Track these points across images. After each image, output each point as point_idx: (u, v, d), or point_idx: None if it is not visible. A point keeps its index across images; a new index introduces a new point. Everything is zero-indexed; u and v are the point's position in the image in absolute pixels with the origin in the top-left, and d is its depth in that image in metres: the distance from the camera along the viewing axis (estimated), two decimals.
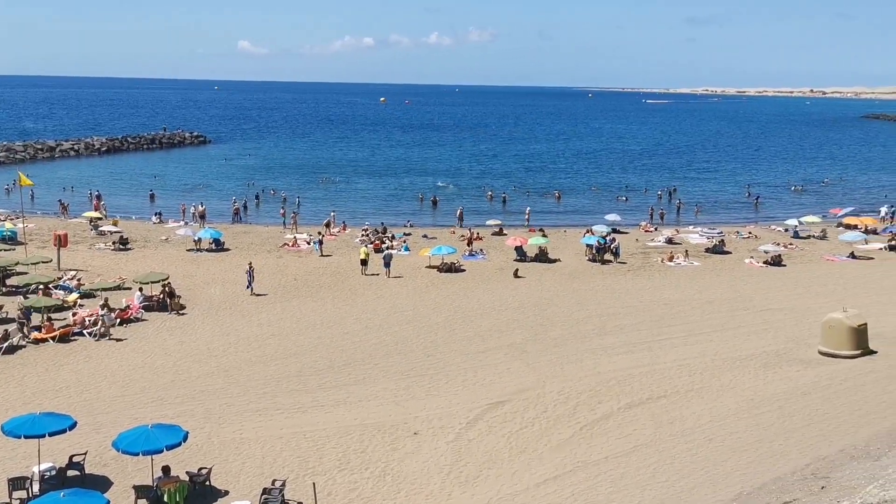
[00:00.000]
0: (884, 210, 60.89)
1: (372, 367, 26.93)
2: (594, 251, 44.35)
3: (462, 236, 49.24)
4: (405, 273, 40.81)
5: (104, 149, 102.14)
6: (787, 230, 53.42)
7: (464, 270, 41.79)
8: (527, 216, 56.61)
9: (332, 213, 55.02)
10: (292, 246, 47.03)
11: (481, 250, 46.21)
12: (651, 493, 17.17)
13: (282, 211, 56.07)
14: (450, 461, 19.84)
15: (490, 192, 70.99)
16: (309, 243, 47.26)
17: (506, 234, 50.32)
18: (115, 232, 48.31)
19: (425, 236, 50.54)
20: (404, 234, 51.21)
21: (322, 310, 34.27)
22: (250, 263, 37.68)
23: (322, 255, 44.65)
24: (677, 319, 32.54)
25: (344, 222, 54.15)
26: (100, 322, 29.93)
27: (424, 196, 68.53)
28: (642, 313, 33.50)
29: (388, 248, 45.51)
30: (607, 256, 44.30)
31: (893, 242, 48.73)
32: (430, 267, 41.88)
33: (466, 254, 45.06)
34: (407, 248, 46.49)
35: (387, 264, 40.31)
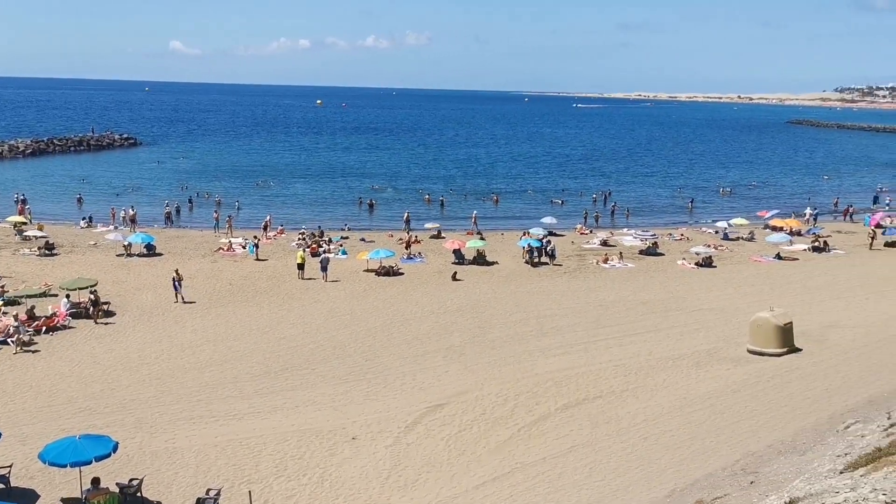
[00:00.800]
0: (807, 212, 62.98)
1: (309, 372, 26.66)
2: (529, 254, 44.74)
3: (400, 239, 49.16)
4: (343, 277, 40.54)
5: (29, 151, 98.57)
6: (717, 232, 54.81)
7: (402, 274, 41.72)
8: (473, 220, 56.94)
9: (269, 217, 54.31)
10: (227, 250, 46.25)
11: (420, 253, 46.23)
12: (588, 492, 17.40)
13: (215, 214, 55.00)
14: (389, 466, 19.77)
15: (428, 196, 71.10)
16: (244, 247, 46.53)
17: (444, 238, 50.44)
18: (41, 237, 46.72)
19: (363, 240, 50.30)
20: (342, 237, 50.86)
21: (258, 315, 33.78)
22: (177, 271, 36.36)
23: (258, 260, 44.02)
24: (612, 320, 33.08)
25: (281, 226, 53.52)
26: (16, 334, 28.61)
27: (363, 199, 68.25)
28: (578, 315, 33.95)
29: (325, 251, 45.13)
30: (544, 259, 44.79)
31: (816, 244, 50.43)
32: (367, 271, 41.69)
33: (405, 257, 45.00)
34: (344, 252, 46.19)
35: (324, 268, 39.96)
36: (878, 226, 55.88)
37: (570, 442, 20.77)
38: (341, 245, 48.10)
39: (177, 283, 35.49)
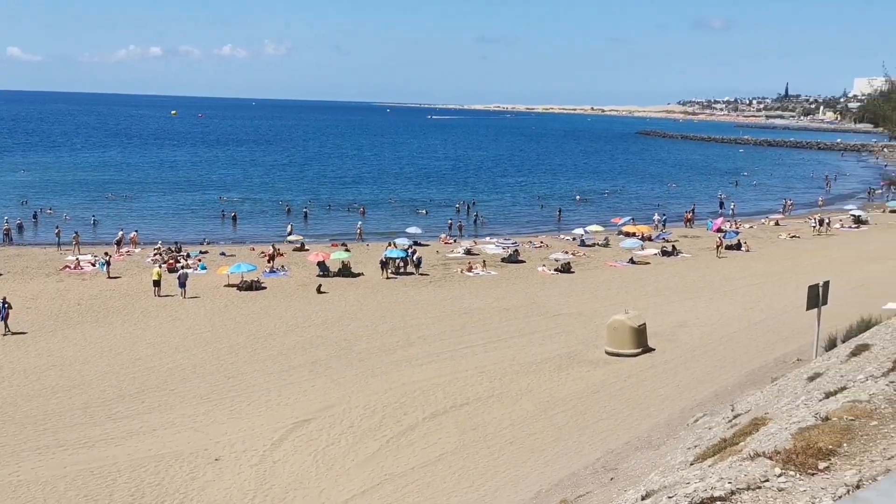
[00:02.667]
0: (656, 218, 66.39)
1: (168, 393, 25.53)
2: (383, 266, 44.06)
3: (262, 253, 48.04)
4: (202, 293, 39.18)
5: None
6: (574, 239, 56.80)
7: (265, 288, 40.78)
8: (358, 231, 56.64)
9: (121, 232, 51.77)
10: (75, 268, 43.67)
11: (283, 267, 45.34)
12: (457, 499, 17.55)
13: (56, 230, 51.55)
14: (254, 485, 19.20)
15: (288, 207, 69.93)
16: (94, 265, 44.09)
17: (307, 250, 49.72)
18: None
19: (223, 254, 48.82)
20: (200, 252, 49.17)
21: (111, 336, 32.06)
22: (4, 298, 32.59)
23: (110, 278, 41.81)
24: (477, 327, 33.61)
25: (133, 240, 51.08)
26: None
27: (224, 212, 66.27)
28: (444, 323, 34.29)
29: (182, 267, 43.46)
30: (409, 268, 44.98)
31: (666, 248, 53.24)
32: (229, 286, 40.48)
33: (267, 271, 44.01)
34: (203, 267, 44.66)
35: (182, 284, 38.47)
36: (719, 230, 59.68)
37: (438, 450, 20.89)
38: (200, 260, 46.49)
39: (3, 309, 31.95)
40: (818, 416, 9.20)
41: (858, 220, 66.31)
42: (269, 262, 45.53)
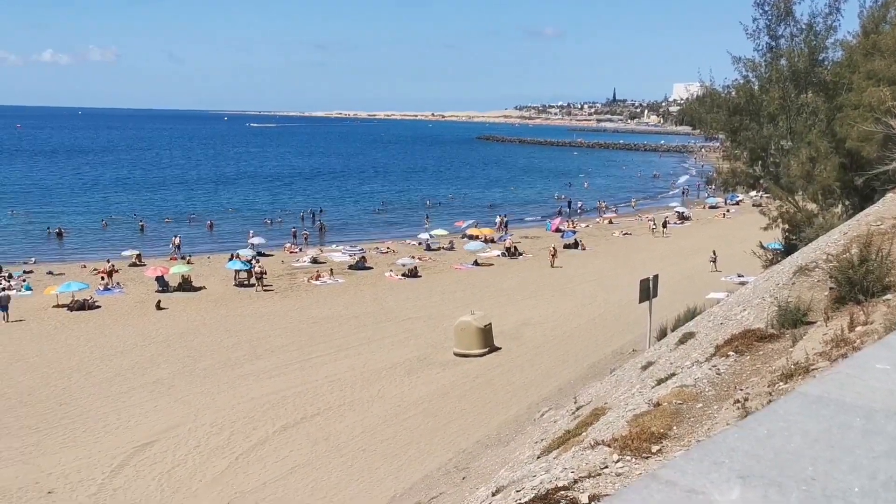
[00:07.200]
0: (498, 220, 68.28)
1: None
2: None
3: (95, 269, 45.33)
4: (28, 316, 36.49)
5: None
6: (420, 243, 57.41)
7: (99, 307, 38.52)
8: (175, 243, 54.18)
9: None
10: None
11: (118, 284, 42.99)
12: None
13: None
14: None
15: (104, 222, 66.73)
16: None
17: (145, 265, 47.43)
18: None
19: (51, 273, 45.65)
20: (24, 271, 45.77)
21: None
22: None
23: None
24: (326, 336, 33.28)
25: None
26: None
27: (50, 229, 62.01)
28: (292, 334, 33.72)
29: (3, 289, 40.24)
30: (252, 280, 43.89)
31: (508, 247, 54.84)
32: (58, 306, 37.94)
33: (101, 288, 41.60)
34: (29, 288, 41.59)
35: (3, 307, 35.66)
36: (558, 230, 62.20)
37: (290, 463, 20.53)
38: (24, 280, 43.26)
39: None
40: (651, 403, 9.79)
41: (682, 217, 71.13)
42: (102, 279, 43.02)
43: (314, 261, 50.62)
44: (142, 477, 20.02)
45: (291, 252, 54.47)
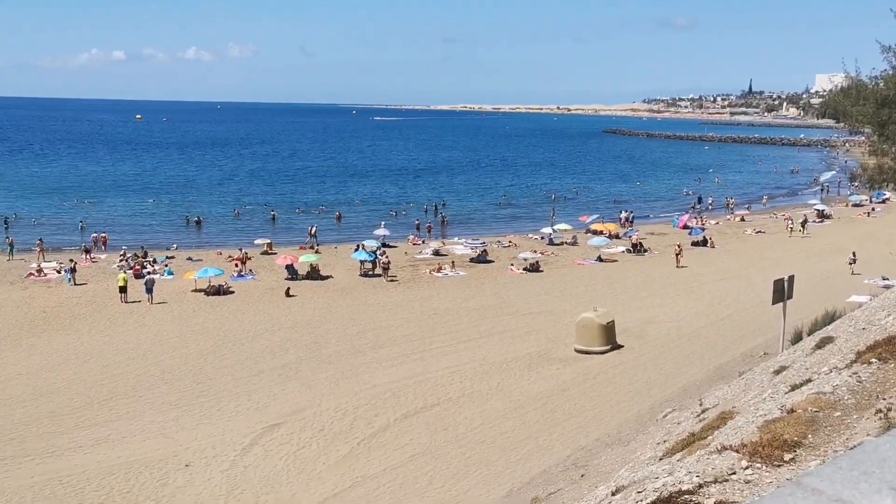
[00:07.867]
0: (623, 215, 66.92)
1: (136, 400, 25.22)
2: (365, 266, 44.61)
3: (230, 257, 47.61)
4: (169, 299, 38.75)
5: None
6: (542, 238, 57.02)
7: (233, 293, 40.43)
8: (312, 232, 56.16)
9: (94, 236, 51.31)
10: (39, 275, 42.93)
11: (251, 271, 44.99)
12: (429, 499, 17.57)
13: (9, 239, 50.13)
14: (225, 490, 19.04)
15: (237, 211, 70.10)
16: (59, 272, 43.35)
17: (276, 253, 49.39)
18: None
19: (190, 259, 48.28)
20: (167, 257, 48.61)
21: (77, 343, 31.59)
22: None
23: (76, 285, 41.13)
24: (447, 328, 33.63)
25: (103, 240, 50.43)
26: None
27: (189, 217, 65.61)
28: (414, 324, 34.26)
29: (149, 272, 42.92)
30: (378, 270, 44.88)
31: (634, 243, 53.64)
32: (196, 291, 40.09)
33: (235, 275, 43.65)
34: (170, 272, 44.14)
35: (149, 290, 38.02)
36: (686, 227, 60.33)
37: (409, 451, 20.88)
38: (167, 265, 45.95)
39: None
40: (784, 409, 9.34)
41: (822, 215, 67.43)
42: (236, 266, 45.14)
43: (436, 253, 51.24)
44: (270, 456, 20.88)
45: (415, 244, 55.32)
